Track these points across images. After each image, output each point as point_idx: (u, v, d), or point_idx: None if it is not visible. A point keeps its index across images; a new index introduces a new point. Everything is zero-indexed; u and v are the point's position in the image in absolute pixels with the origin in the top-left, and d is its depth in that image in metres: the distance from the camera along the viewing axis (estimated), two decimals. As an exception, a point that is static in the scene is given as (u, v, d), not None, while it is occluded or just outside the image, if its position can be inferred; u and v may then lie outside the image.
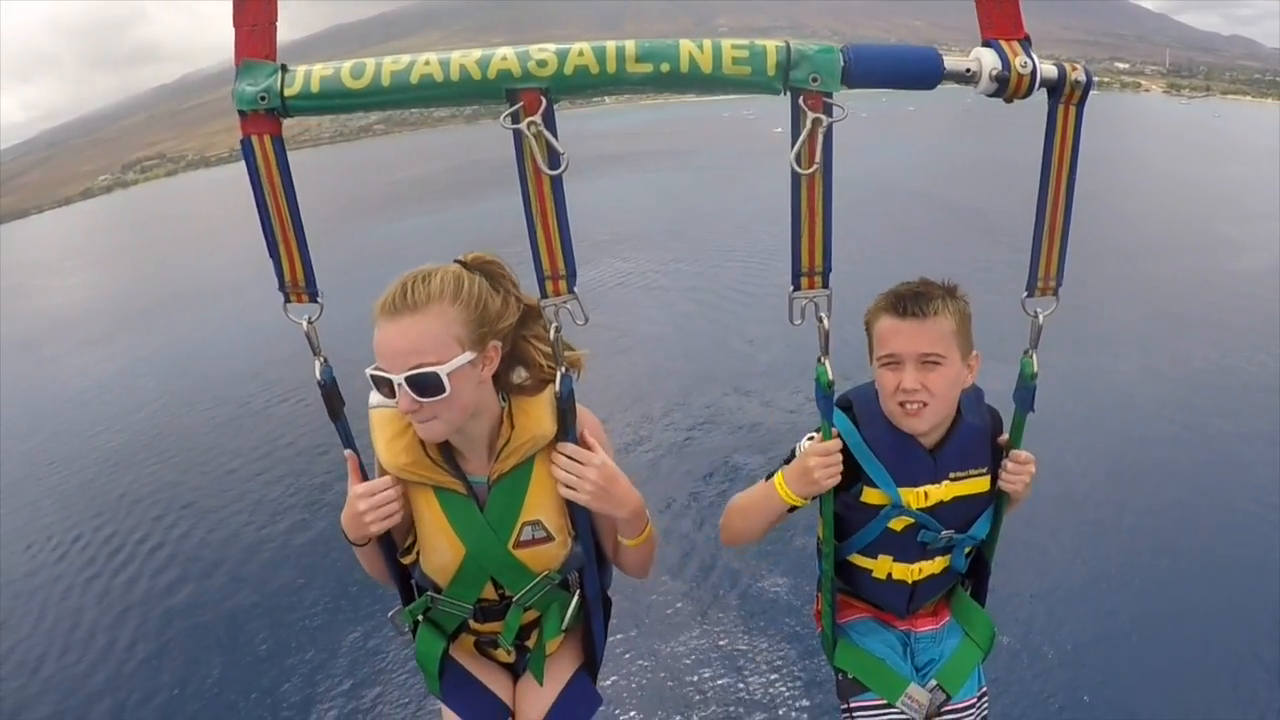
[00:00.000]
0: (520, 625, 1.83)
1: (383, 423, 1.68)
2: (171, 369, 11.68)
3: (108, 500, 7.24)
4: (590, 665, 2.01)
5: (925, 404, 1.78)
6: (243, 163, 1.44)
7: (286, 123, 1.42)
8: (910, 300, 1.78)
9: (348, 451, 1.66)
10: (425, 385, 1.50)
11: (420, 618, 1.85)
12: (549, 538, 1.72)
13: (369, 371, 1.54)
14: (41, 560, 6.25)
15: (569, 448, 1.63)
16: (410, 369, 1.49)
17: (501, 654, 1.95)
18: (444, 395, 1.51)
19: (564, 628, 1.85)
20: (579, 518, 1.75)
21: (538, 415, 1.65)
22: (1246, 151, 34.63)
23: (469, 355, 1.54)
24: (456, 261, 1.63)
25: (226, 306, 15.23)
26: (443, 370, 1.50)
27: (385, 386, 1.53)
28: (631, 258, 15.09)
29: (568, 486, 1.63)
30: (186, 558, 6.01)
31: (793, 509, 1.85)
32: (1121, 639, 4.24)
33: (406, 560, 1.80)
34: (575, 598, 1.85)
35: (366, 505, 1.61)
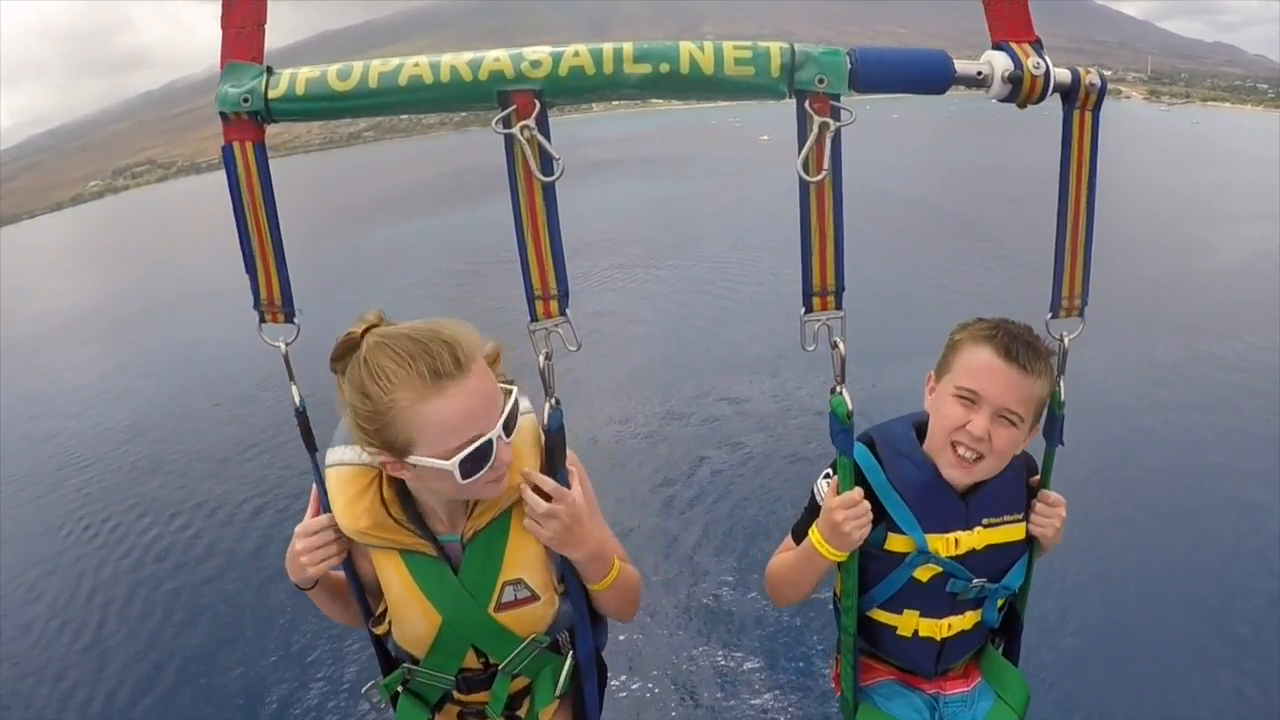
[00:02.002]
0: (509, 694, 1.66)
1: (342, 484, 1.51)
2: (186, 364, 11.76)
3: (146, 487, 7.34)
4: None
5: (982, 457, 1.63)
6: None
7: (274, 129, 1.36)
8: (1023, 348, 1.59)
9: (316, 488, 1.53)
10: (513, 420, 1.41)
11: (400, 689, 1.70)
12: (534, 597, 1.55)
13: (461, 456, 1.32)
14: (86, 546, 6.37)
15: (535, 475, 1.47)
16: (502, 413, 1.38)
17: None
18: (518, 419, 1.44)
19: (557, 694, 1.68)
20: (569, 567, 1.58)
21: (517, 463, 1.47)
22: (1220, 156, 35.61)
23: None
24: (366, 325, 1.40)
25: (234, 305, 15.25)
26: (517, 393, 1.43)
27: (481, 458, 1.35)
28: (626, 257, 15.36)
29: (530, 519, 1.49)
30: (228, 542, 6.13)
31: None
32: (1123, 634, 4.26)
33: (379, 630, 1.63)
34: (569, 660, 1.68)
35: (303, 546, 1.48)
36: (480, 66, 1.29)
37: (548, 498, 1.46)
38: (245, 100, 1.30)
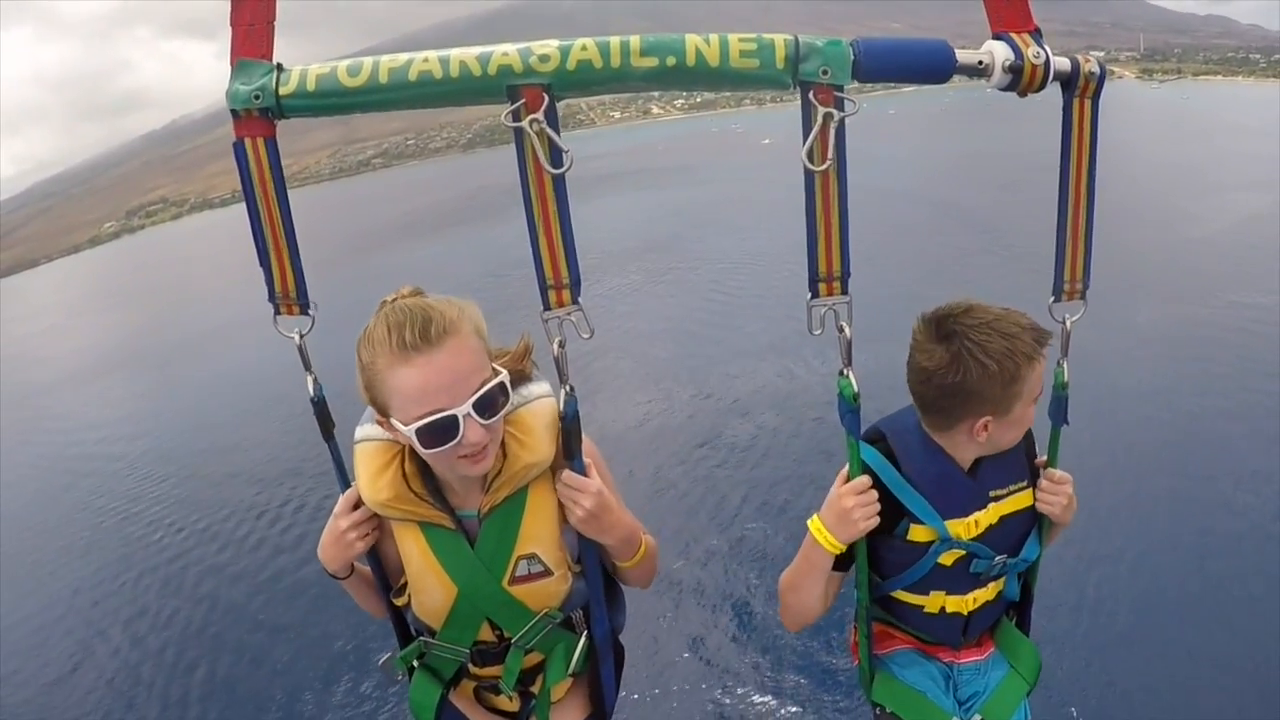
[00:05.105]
0: (522, 669, 1.69)
1: (367, 458, 1.54)
2: (243, 387, 12.27)
3: (222, 491, 7.89)
4: (600, 718, 1.84)
5: None
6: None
7: (285, 160, 1.38)
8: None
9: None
10: (491, 403, 1.39)
11: (415, 664, 1.73)
12: (547, 572, 1.58)
13: (417, 425, 1.34)
14: (178, 547, 6.90)
15: (567, 475, 1.52)
16: (475, 393, 1.37)
17: (504, 701, 1.78)
18: (506, 405, 1.43)
19: (571, 671, 1.71)
20: (586, 551, 1.61)
21: (533, 443, 1.51)
22: (1207, 131, 35.71)
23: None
24: (396, 296, 1.48)
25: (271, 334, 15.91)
26: (506, 379, 1.42)
27: (441, 431, 1.36)
28: (643, 259, 15.86)
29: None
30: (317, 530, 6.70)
31: (839, 563, 1.71)
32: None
33: (399, 601, 1.67)
34: (583, 639, 1.71)
35: (349, 522, 1.54)
36: (489, 61, 1.30)
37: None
38: (256, 97, 1.32)
